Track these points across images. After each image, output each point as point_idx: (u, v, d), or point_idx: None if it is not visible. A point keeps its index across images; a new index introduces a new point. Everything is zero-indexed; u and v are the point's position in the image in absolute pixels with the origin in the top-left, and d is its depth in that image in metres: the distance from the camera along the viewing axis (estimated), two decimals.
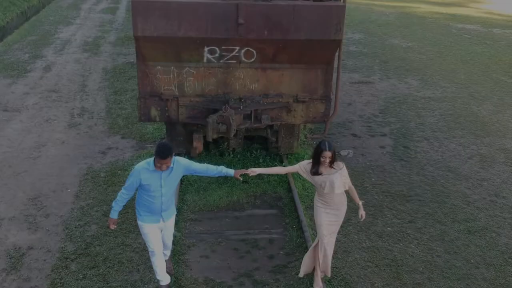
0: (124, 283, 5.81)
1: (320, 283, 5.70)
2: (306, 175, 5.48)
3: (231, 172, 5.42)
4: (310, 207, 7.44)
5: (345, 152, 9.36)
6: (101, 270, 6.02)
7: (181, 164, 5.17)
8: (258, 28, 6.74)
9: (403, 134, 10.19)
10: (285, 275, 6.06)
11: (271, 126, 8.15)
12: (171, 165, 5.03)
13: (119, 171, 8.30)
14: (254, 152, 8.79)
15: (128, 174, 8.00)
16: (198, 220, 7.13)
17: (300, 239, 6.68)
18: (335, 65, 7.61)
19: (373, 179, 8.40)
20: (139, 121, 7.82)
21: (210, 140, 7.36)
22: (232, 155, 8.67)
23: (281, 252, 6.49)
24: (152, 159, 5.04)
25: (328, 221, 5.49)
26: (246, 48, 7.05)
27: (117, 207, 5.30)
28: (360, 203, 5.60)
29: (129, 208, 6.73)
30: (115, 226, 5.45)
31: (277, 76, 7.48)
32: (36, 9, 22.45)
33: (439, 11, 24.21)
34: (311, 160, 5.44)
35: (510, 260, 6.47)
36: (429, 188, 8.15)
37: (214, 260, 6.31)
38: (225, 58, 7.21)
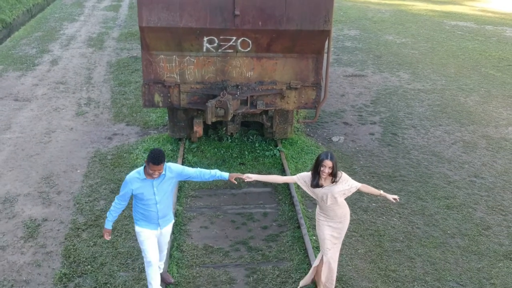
0: (130, 249, 6.41)
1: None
2: (305, 187, 5.28)
3: (225, 175, 5.29)
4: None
5: (336, 138, 9.95)
6: (110, 238, 6.61)
7: (173, 171, 5.08)
8: (253, 19, 7.35)
9: (392, 122, 10.78)
10: (277, 243, 6.67)
11: (266, 112, 8.76)
12: (163, 172, 4.96)
13: (124, 154, 8.90)
14: (251, 137, 9.40)
15: (133, 157, 8.68)
16: (198, 196, 7.74)
17: (291, 212, 7.28)
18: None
19: (361, 162, 9.00)
20: (143, 107, 8.41)
21: (209, 123, 7.95)
22: (230, 140, 9.27)
23: (274, 224, 7.10)
24: (142, 168, 5.01)
25: (331, 235, 5.34)
26: (242, 38, 7.65)
27: (111, 217, 5.26)
28: (381, 191, 5.37)
29: None
30: (110, 237, 5.40)
31: (271, 65, 8.07)
32: (41, 6, 23.08)
33: (434, 8, 24.79)
34: (310, 172, 5.25)
35: (483, 231, 7.07)
36: (413, 170, 8.75)
37: (213, 230, 6.92)
38: (223, 48, 7.81)
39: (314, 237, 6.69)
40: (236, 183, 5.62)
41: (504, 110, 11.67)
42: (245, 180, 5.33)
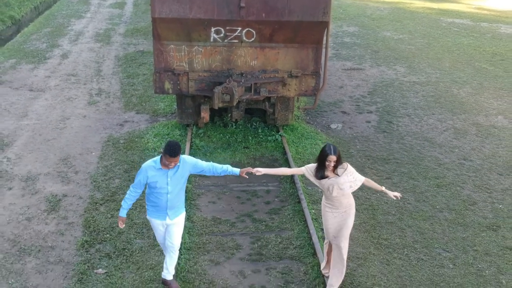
0: (145, 221, 6.99)
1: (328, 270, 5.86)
2: (312, 178, 5.46)
3: (236, 171, 5.46)
4: (302, 166, 8.65)
5: (334, 125, 10.55)
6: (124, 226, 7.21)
7: (187, 163, 5.25)
8: (257, 11, 7.93)
9: (388, 112, 11.38)
10: (279, 215, 7.26)
11: (268, 99, 9.35)
12: (178, 163, 5.15)
13: (136, 139, 9.49)
14: (254, 123, 9.99)
15: (144, 141, 9.28)
16: (205, 176, 8.31)
17: (292, 189, 7.88)
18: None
19: (357, 147, 9.60)
20: (154, 93, 9.00)
21: (216, 108, 8.54)
22: (234, 126, 9.87)
23: (276, 199, 7.70)
24: (158, 157, 5.19)
25: (337, 225, 5.51)
26: (247, 29, 8.25)
27: (125, 205, 5.45)
28: (383, 188, 5.58)
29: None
30: (124, 225, 5.57)
31: (274, 54, 8.66)
32: (48, 4, 23.70)
33: (431, 6, 25.36)
34: (316, 164, 5.42)
35: (469, 206, 7.66)
36: (406, 153, 9.34)
37: (220, 205, 7.52)
38: (229, 38, 8.40)
39: (313, 211, 7.30)
40: (247, 177, 5.71)
41: (494, 100, 12.26)
42: (256, 174, 5.51)
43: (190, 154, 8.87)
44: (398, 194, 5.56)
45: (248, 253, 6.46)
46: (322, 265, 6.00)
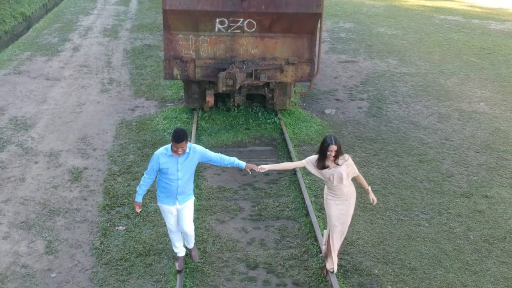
0: None
1: (333, 265, 6.00)
2: (314, 170, 5.65)
3: (242, 164, 5.78)
4: (298, 146, 9.59)
5: (328, 110, 11.46)
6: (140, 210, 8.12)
7: (197, 151, 5.55)
8: (258, 3, 8.84)
9: (378, 99, 12.29)
10: (276, 184, 8.18)
11: (268, 85, 10.26)
12: (187, 150, 5.44)
13: (147, 121, 10.41)
14: (254, 108, 10.90)
15: (154, 123, 10.18)
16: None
17: None
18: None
19: (349, 129, 10.51)
20: (164, 79, 9.91)
21: (220, 91, 9.45)
22: (236, 111, 10.78)
23: (274, 172, 8.60)
24: (170, 145, 5.47)
25: (339, 213, 5.73)
26: (248, 20, 9.16)
27: (141, 191, 5.75)
28: (369, 188, 5.91)
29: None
30: (140, 209, 5.89)
31: (272, 43, 9.57)
32: (55, 1, 24.61)
33: (425, 4, 26.28)
34: (317, 155, 5.65)
35: (447, 178, 8.57)
36: (393, 134, 10.25)
37: (224, 176, 8.43)
38: (232, 28, 9.31)
39: (307, 181, 8.21)
40: (251, 173, 6.09)
41: (478, 89, 13.17)
42: (261, 171, 5.78)
43: (196, 135, 9.79)
44: (375, 200, 5.94)
45: (249, 214, 7.38)
46: (328, 264, 6.07)
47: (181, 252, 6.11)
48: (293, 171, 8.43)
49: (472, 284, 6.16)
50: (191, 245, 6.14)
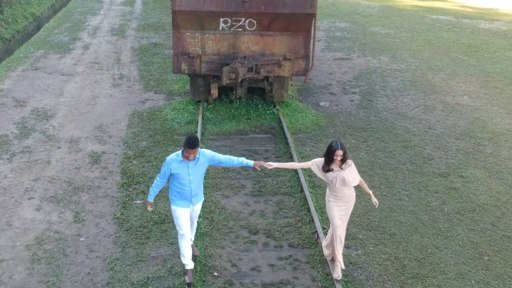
0: None
1: (339, 272, 6.23)
2: (318, 172, 5.99)
3: (250, 163, 6.02)
4: (294, 133, 10.57)
5: (322, 103, 12.45)
6: (154, 163, 9.11)
7: (206, 155, 5.83)
8: (258, 4, 9.83)
9: (369, 93, 13.28)
10: None
11: (267, 78, 11.24)
12: (197, 155, 5.70)
13: (156, 112, 11.40)
14: (255, 100, 11.89)
15: (163, 114, 11.17)
16: (215, 139, 10.23)
17: (286, 149, 9.78)
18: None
19: (341, 119, 11.50)
20: (173, 73, 10.90)
21: (224, 84, 10.44)
22: (238, 103, 11.76)
23: (273, 156, 9.60)
24: (180, 151, 5.75)
25: (340, 214, 6.08)
26: (249, 19, 10.14)
27: (153, 192, 6.08)
28: (371, 192, 6.24)
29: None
30: (152, 208, 6.27)
31: (271, 41, 10.56)
32: (62, 2, 25.60)
33: (418, 4, 27.28)
34: (323, 158, 5.98)
35: (428, 161, 9.56)
36: (381, 124, 11.24)
37: None
38: (234, 27, 10.30)
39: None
40: (259, 170, 6.53)
41: (463, 84, 14.17)
42: (268, 168, 6.09)
43: (202, 124, 10.77)
44: (377, 203, 6.24)
45: (251, 190, 8.37)
46: (335, 272, 6.28)
47: (189, 265, 6.20)
48: (290, 156, 9.42)
49: (443, 246, 7.16)
50: (192, 236, 6.49)
